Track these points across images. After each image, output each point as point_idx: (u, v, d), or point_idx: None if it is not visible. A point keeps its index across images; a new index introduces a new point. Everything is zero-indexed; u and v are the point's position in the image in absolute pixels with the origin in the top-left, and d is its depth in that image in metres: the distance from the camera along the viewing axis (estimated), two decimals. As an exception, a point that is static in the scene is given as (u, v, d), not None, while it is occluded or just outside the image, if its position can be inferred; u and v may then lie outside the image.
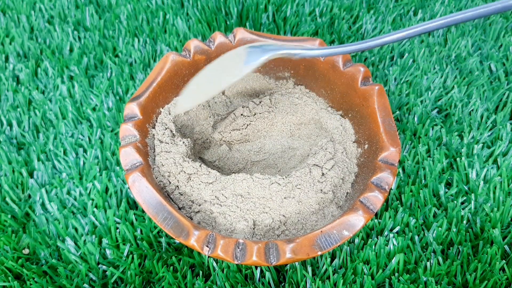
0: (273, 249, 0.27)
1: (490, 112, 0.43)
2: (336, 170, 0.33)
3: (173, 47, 0.48)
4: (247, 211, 0.31)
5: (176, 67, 0.36)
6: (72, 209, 0.36)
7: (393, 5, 0.55)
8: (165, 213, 0.28)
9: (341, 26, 0.51)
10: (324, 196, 0.32)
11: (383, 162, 0.31)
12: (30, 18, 0.52)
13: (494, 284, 0.32)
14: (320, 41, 0.37)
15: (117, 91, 0.44)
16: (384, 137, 0.32)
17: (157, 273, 0.33)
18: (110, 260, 0.33)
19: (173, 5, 0.52)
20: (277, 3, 0.53)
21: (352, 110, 0.37)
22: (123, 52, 0.48)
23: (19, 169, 0.38)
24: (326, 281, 0.32)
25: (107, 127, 0.41)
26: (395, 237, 0.34)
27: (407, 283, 0.32)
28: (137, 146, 0.31)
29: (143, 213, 0.36)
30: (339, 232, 0.28)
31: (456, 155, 0.40)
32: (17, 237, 0.34)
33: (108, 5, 0.53)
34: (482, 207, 0.36)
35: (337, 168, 0.33)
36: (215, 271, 0.32)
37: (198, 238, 0.27)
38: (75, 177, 0.37)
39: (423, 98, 0.44)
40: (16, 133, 0.41)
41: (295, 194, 0.31)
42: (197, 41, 0.37)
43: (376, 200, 0.29)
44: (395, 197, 0.37)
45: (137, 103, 0.33)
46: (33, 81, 0.45)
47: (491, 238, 0.34)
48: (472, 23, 0.53)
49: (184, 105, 0.32)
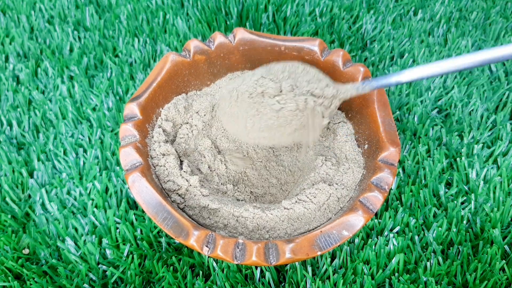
0: (273, 249, 0.27)
1: (490, 112, 0.43)
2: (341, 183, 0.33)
3: (173, 47, 0.48)
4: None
5: (176, 67, 0.36)
6: (72, 209, 0.36)
7: (393, 5, 0.55)
8: (164, 213, 0.28)
9: (341, 26, 0.51)
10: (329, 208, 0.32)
11: (383, 162, 0.31)
12: (30, 18, 0.52)
13: (494, 284, 0.32)
14: (320, 41, 0.37)
15: (117, 91, 0.44)
16: (384, 137, 0.32)
17: (157, 273, 0.33)
18: (110, 260, 0.33)
19: (173, 5, 0.52)
20: (277, 3, 0.53)
21: (352, 110, 0.37)
22: (123, 52, 0.48)
23: (19, 169, 0.38)
24: (326, 281, 0.32)
25: (107, 127, 0.41)
26: (395, 237, 0.34)
27: (407, 283, 0.32)
28: (137, 146, 0.31)
29: (143, 213, 0.36)
30: (338, 232, 0.28)
31: (456, 155, 0.40)
32: (17, 237, 0.34)
33: (108, 5, 0.53)
34: (482, 207, 0.36)
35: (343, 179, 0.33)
36: (215, 271, 0.32)
37: (197, 238, 0.27)
38: (75, 177, 0.37)
39: (423, 98, 0.44)
40: (16, 133, 0.41)
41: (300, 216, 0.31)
42: (197, 41, 0.37)
43: (376, 200, 0.29)
44: (395, 197, 0.37)
45: (137, 103, 0.33)
46: (33, 81, 0.46)
47: (491, 238, 0.34)
48: (472, 23, 0.53)
49: (227, 125, 0.32)
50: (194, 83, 0.38)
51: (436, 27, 0.52)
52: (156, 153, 0.33)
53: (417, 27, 0.52)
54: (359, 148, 0.35)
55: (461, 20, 0.53)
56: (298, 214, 0.31)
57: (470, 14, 0.54)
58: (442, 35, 0.51)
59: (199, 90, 0.39)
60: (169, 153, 0.33)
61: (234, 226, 0.30)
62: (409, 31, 0.51)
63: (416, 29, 0.52)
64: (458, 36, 0.51)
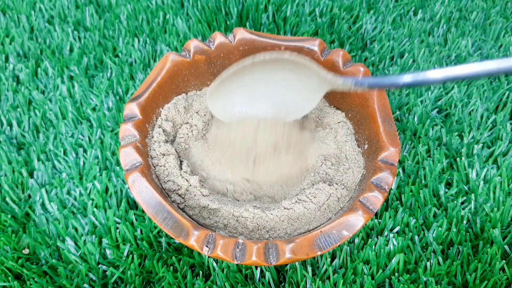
0: (273, 249, 0.27)
1: (490, 112, 0.43)
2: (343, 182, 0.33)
3: (173, 47, 0.48)
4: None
5: (176, 67, 0.36)
6: (72, 209, 0.36)
7: (393, 5, 0.55)
8: (164, 213, 0.28)
9: (341, 26, 0.51)
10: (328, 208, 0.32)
11: (383, 162, 0.31)
12: (30, 18, 0.52)
13: (494, 284, 0.32)
14: (320, 41, 0.37)
15: (117, 91, 0.44)
16: (384, 137, 0.32)
17: (157, 273, 0.33)
18: (110, 260, 0.33)
19: (173, 5, 0.52)
20: (277, 3, 0.53)
21: (352, 110, 0.37)
22: (123, 52, 0.48)
23: (19, 169, 0.38)
24: (326, 281, 0.32)
25: (107, 127, 0.41)
26: (395, 237, 0.34)
27: (407, 283, 0.32)
28: (137, 146, 0.31)
29: (143, 213, 0.36)
30: (338, 232, 0.28)
31: (456, 155, 0.40)
32: (17, 237, 0.34)
33: (108, 5, 0.53)
34: (482, 207, 0.36)
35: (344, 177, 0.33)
36: (215, 271, 0.32)
37: (197, 238, 0.27)
38: (75, 177, 0.37)
39: (423, 98, 0.44)
40: (16, 133, 0.41)
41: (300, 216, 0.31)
42: (197, 41, 0.37)
43: (376, 200, 0.29)
44: (395, 197, 0.37)
45: (137, 103, 0.33)
46: (33, 81, 0.46)
47: (491, 238, 0.34)
48: (472, 23, 0.53)
49: (216, 112, 0.32)
50: (194, 83, 0.38)
51: (436, 27, 0.52)
52: (156, 153, 0.33)
53: (417, 27, 0.52)
54: (359, 148, 0.35)
55: (461, 20, 0.53)
56: (298, 214, 0.31)
57: (470, 14, 0.54)
58: (442, 35, 0.51)
59: (199, 90, 0.39)
60: (169, 153, 0.33)
61: (234, 226, 0.30)
62: (409, 31, 0.51)
63: (416, 29, 0.52)
64: (458, 36, 0.51)
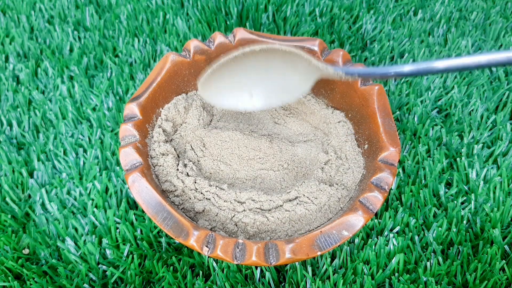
0: (273, 249, 0.27)
1: (490, 112, 0.43)
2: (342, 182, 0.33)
3: (173, 47, 0.48)
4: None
5: (176, 67, 0.36)
6: (72, 209, 0.36)
7: (393, 5, 0.55)
8: (164, 213, 0.28)
9: (341, 26, 0.51)
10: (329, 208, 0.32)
11: (383, 162, 0.31)
12: (30, 18, 0.52)
13: (494, 284, 0.32)
14: (320, 41, 0.37)
15: (117, 91, 0.44)
16: (384, 137, 0.32)
17: (157, 273, 0.33)
18: (110, 260, 0.33)
19: (173, 5, 0.52)
20: (277, 3, 0.53)
21: (352, 110, 0.37)
22: (123, 52, 0.48)
23: (19, 169, 0.38)
24: (326, 281, 0.32)
25: (107, 127, 0.41)
26: (395, 237, 0.34)
27: (407, 283, 0.32)
28: (136, 146, 0.31)
29: (143, 213, 0.36)
30: (338, 232, 0.28)
31: (456, 155, 0.40)
32: (17, 237, 0.34)
33: (108, 5, 0.53)
34: (482, 207, 0.36)
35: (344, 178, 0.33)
36: (215, 271, 0.32)
37: (197, 238, 0.27)
38: (75, 177, 0.37)
39: (423, 98, 0.44)
40: (16, 133, 0.41)
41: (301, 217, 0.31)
42: (197, 41, 0.37)
43: (376, 200, 0.29)
44: (395, 197, 0.37)
45: (137, 103, 0.33)
46: (33, 81, 0.46)
47: (491, 238, 0.34)
48: (472, 23, 0.53)
49: (207, 97, 0.30)
50: (194, 83, 0.38)
51: (436, 27, 0.52)
52: (155, 153, 0.33)
53: (417, 27, 0.52)
54: (359, 148, 0.35)
55: (461, 20, 0.53)
56: (300, 216, 0.31)
57: (470, 14, 0.54)
58: (442, 35, 0.51)
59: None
60: (168, 153, 0.34)
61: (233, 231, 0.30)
62: (409, 31, 0.51)
63: (416, 29, 0.52)
64: (458, 36, 0.51)
